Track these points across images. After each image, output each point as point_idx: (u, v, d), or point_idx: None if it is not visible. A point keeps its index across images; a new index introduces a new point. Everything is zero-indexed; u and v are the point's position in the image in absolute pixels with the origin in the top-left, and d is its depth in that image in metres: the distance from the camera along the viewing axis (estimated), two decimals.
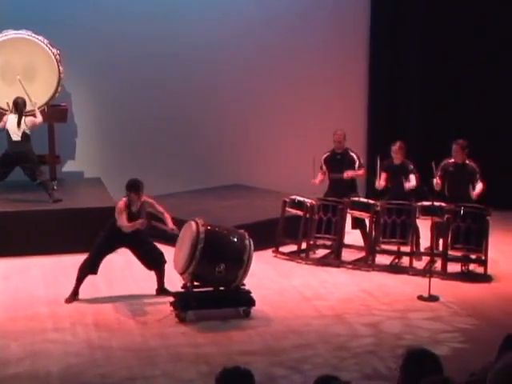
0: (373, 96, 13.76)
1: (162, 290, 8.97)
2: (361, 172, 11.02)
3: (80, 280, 8.87)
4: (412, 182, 10.45)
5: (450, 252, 9.96)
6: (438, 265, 9.96)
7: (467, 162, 10.36)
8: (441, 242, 10.12)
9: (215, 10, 12.88)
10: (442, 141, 10.85)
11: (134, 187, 8.70)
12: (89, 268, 8.84)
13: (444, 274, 9.82)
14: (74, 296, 8.87)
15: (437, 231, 10.09)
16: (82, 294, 8.89)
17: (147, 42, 12.55)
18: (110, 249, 8.87)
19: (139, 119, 12.82)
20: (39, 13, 11.98)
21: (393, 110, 13.64)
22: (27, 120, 10.95)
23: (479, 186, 10.24)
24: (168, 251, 8.98)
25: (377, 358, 7.42)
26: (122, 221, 8.60)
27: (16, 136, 10.91)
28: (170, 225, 8.80)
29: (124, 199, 8.71)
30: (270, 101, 13.34)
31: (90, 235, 9.33)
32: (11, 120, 10.99)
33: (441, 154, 10.63)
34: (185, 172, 13.00)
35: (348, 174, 10.83)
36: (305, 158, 12.36)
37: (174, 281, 8.77)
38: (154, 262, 8.95)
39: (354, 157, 10.94)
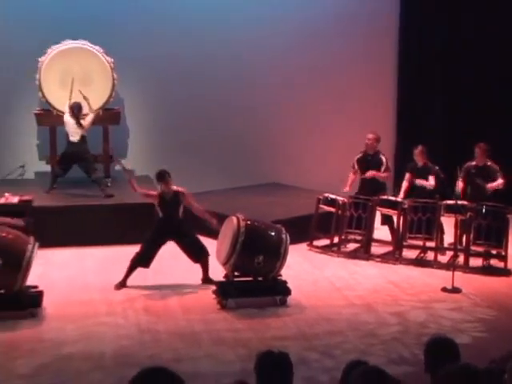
0: (402, 101, 13.99)
1: (206, 280, 9.36)
2: (383, 174, 11.07)
3: (130, 271, 9.27)
4: (430, 181, 10.72)
5: (472, 247, 10.19)
6: (461, 259, 10.19)
7: (488, 163, 10.56)
8: (464, 238, 10.35)
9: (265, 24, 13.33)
10: (467, 144, 11.05)
11: (157, 177, 9.34)
12: (141, 262, 9.24)
13: (466, 268, 10.05)
14: (122, 284, 9.28)
15: (460, 228, 10.30)
16: (132, 282, 9.23)
17: (195, 49, 12.91)
18: (160, 242, 9.27)
19: (185, 121, 13.17)
20: (95, 23, 12.37)
21: (421, 115, 13.81)
22: (84, 123, 11.49)
23: (498, 181, 10.44)
24: (211, 244, 9.36)
25: (402, 345, 7.63)
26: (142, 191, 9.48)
27: (73, 137, 11.54)
28: (214, 225, 9.25)
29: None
30: (310, 105, 13.55)
31: (138, 228, 9.84)
32: (68, 122, 11.57)
33: (465, 157, 10.87)
34: (228, 171, 13.30)
35: (370, 173, 11.02)
36: (339, 159, 12.55)
37: (217, 271, 9.09)
38: (197, 255, 9.33)
39: (383, 159, 11.08)
